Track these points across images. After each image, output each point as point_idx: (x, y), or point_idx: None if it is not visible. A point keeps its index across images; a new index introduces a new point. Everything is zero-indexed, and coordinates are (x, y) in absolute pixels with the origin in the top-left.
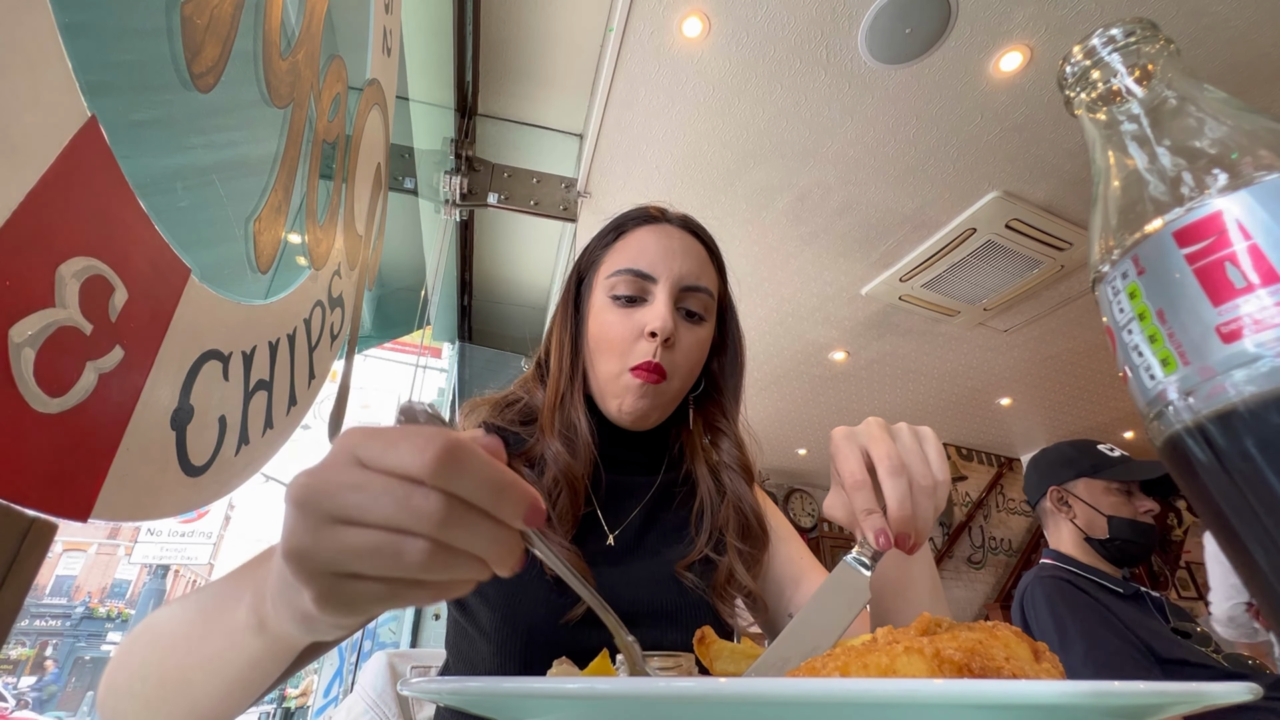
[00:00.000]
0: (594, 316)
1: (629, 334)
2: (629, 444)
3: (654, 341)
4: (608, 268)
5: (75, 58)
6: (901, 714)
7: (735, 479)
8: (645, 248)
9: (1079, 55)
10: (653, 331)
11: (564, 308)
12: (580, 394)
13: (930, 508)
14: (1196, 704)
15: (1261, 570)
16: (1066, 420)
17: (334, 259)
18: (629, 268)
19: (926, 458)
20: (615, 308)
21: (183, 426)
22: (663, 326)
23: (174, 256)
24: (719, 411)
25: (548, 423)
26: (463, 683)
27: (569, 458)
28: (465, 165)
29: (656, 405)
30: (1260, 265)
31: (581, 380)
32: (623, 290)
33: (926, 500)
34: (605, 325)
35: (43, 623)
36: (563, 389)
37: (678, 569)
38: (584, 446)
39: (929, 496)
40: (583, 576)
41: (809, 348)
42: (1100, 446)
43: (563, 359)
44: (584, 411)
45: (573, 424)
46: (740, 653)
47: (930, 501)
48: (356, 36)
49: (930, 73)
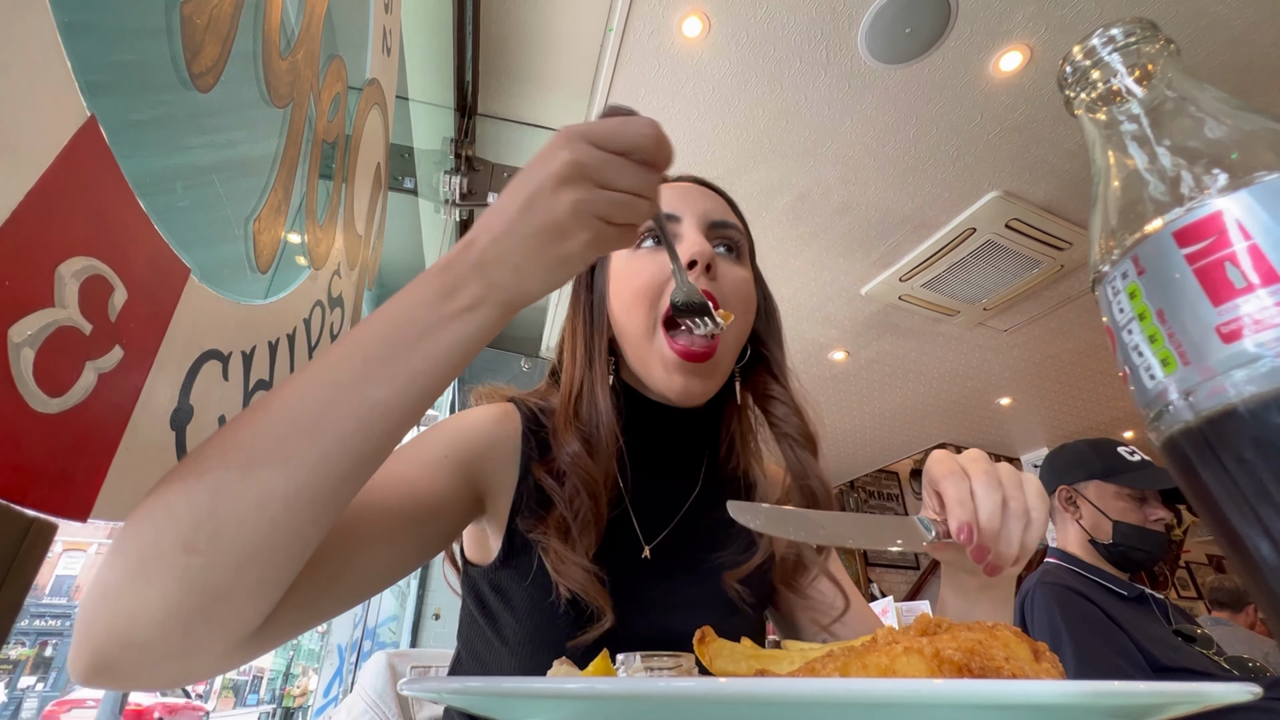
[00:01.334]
0: (615, 276)
1: (660, 274)
2: (666, 437)
3: (694, 272)
4: None
5: (75, 57)
6: (901, 714)
7: (798, 450)
8: (664, 195)
9: (1079, 55)
10: (691, 260)
11: (575, 295)
12: (604, 379)
13: (1018, 532)
14: (1196, 704)
15: (1261, 570)
16: (1066, 420)
17: (334, 259)
18: None
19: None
20: (639, 253)
21: (182, 426)
22: (701, 251)
23: (173, 256)
24: (770, 375)
25: (563, 423)
26: (463, 683)
27: (587, 457)
28: (465, 165)
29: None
30: (1260, 265)
31: (603, 363)
32: (645, 232)
33: (1016, 524)
34: (631, 274)
35: (43, 623)
36: (580, 377)
37: (725, 580)
38: (607, 437)
39: (1019, 520)
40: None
41: (809, 348)
42: (1121, 449)
43: (578, 343)
44: (608, 396)
45: (592, 414)
46: (740, 653)
47: (1019, 526)
48: (356, 36)
49: (930, 72)
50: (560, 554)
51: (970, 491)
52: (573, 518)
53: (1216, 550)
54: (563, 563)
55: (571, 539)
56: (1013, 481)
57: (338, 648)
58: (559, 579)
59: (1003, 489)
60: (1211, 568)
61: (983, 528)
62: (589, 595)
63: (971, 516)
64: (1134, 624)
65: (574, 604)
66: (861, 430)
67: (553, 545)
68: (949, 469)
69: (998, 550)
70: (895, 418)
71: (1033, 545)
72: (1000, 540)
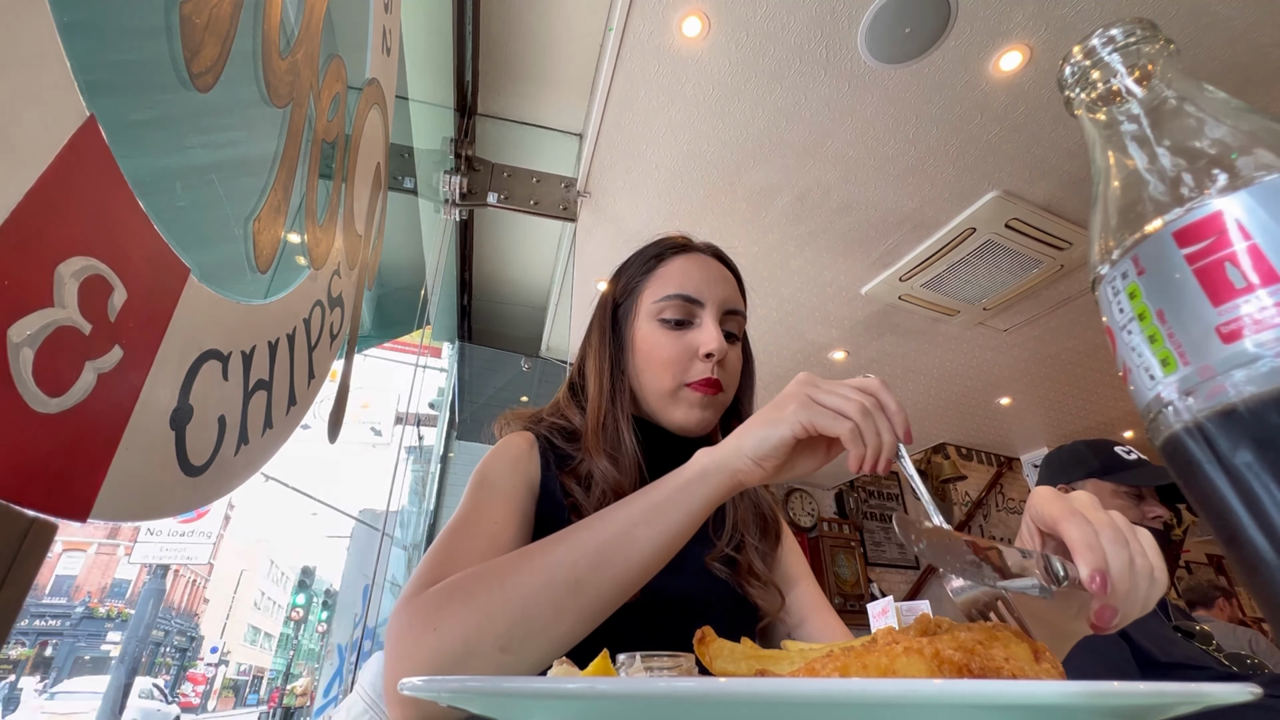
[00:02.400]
0: (641, 339)
1: (682, 354)
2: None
3: (710, 361)
4: (652, 294)
5: (74, 57)
6: (901, 714)
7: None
8: (690, 274)
9: (1079, 55)
10: (709, 353)
11: (600, 334)
12: (626, 413)
13: (1143, 589)
14: (1196, 704)
15: (1261, 570)
16: (1066, 420)
17: (333, 259)
18: (677, 293)
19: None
20: (665, 330)
21: (182, 426)
22: (719, 348)
23: (173, 256)
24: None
25: (593, 444)
26: (463, 683)
27: (616, 474)
28: (465, 165)
29: (716, 414)
30: (1260, 265)
31: (626, 400)
32: (671, 314)
33: (1145, 583)
34: (657, 347)
35: (43, 623)
36: (604, 409)
37: (708, 561)
38: (630, 463)
39: (1147, 579)
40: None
41: (809, 347)
42: (1118, 449)
43: (603, 382)
44: (630, 429)
45: (618, 442)
46: (740, 653)
47: (1145, 584)
48: (356, 36)
49: (930, 72)
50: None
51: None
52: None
53: (1216, 550)
54: None
55: None
56: (1131, 535)
57: (338, 648)
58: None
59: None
60: (1211, 567)
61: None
62: None
63: (1103, 564)
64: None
65: None
66: None
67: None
68: (1067, 509)
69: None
70: None
71: (1152, 604)
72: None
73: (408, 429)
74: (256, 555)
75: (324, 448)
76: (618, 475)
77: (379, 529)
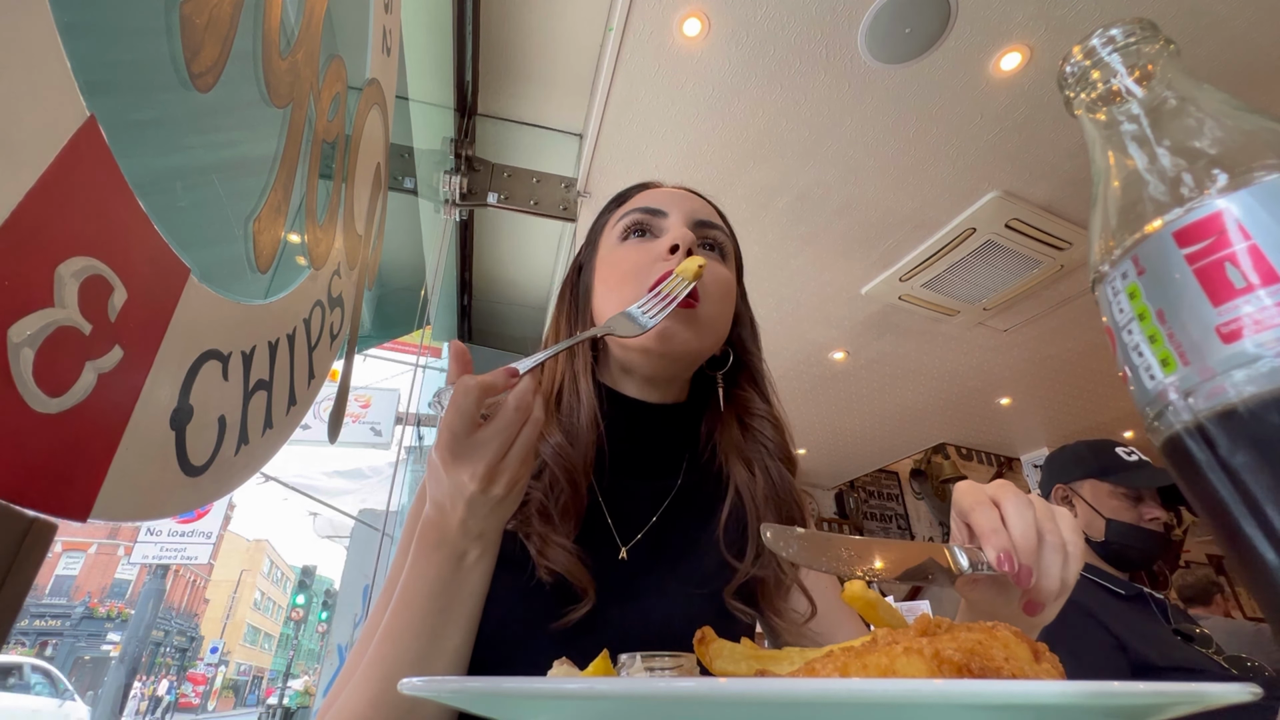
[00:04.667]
0: (602, 264)
1: (645, 257)
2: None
3: (677, 255)
4: (612, 226)
5: (74, 57)
6: (901, 714)
7: (778, 469)
8: (652, 195)
9: (1079, 55)
10: (674, 244)
11: (562, 295)
12: (585, 370)
13: (1057, 565)
14: (1196, 705)
15: (1262, 570)
16: (1066, 420)
17: (334, 259)
18: (637, 207)
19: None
20: (626, 245)
21: (182, 426)
22: (683, 236)
23: (173, 256)
24: (752, 385)
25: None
26: (463, 683)
27: (568, 447)
28: (465, 165)
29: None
30: (1260, 265)
31: (587, 356)
32: (631, 224)
33: (1054, 556)
34: (616, 260)
35: (43, 623)
36: (562, 370)
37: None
38: (587, 423)
39: (1056, 552)
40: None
41: (809, 348)
42: (1119, 449)
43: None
44: (590, 386)
45: (574, 404)
46: (740, 653)
47: (1057, 559)
48: (356, 36)
49: (930, 72)
50: (544, 536)
51: (1002, 519)
52: (554, 504)
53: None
54: (546, 545)
55: (553, 524)
56: (1045, 513)
57: (338, 648)
58: (543, 561)
59: (1035, 518)
60: (1212, 568)
61: (1019, 549)
62: (573, 575)
63: (1008, 543)
64: (1126, 623)
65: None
66: (861, 430)
67: (535, 530)
68: (977, 499)
69: (1038, 584)
70: (895, 418)
71: (1071, 581)
72: (1039, 573)
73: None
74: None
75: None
76: (569, 448)
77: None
